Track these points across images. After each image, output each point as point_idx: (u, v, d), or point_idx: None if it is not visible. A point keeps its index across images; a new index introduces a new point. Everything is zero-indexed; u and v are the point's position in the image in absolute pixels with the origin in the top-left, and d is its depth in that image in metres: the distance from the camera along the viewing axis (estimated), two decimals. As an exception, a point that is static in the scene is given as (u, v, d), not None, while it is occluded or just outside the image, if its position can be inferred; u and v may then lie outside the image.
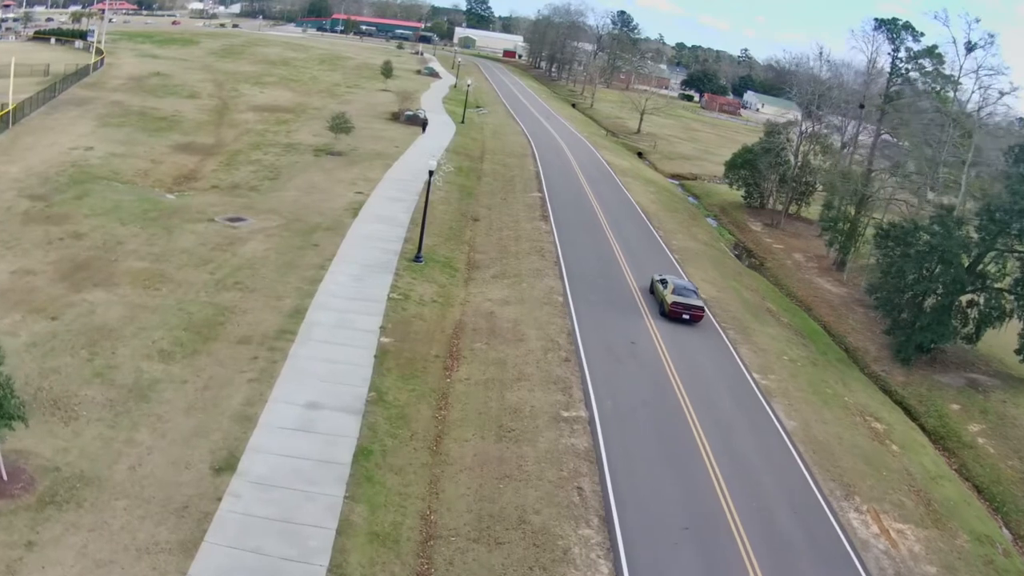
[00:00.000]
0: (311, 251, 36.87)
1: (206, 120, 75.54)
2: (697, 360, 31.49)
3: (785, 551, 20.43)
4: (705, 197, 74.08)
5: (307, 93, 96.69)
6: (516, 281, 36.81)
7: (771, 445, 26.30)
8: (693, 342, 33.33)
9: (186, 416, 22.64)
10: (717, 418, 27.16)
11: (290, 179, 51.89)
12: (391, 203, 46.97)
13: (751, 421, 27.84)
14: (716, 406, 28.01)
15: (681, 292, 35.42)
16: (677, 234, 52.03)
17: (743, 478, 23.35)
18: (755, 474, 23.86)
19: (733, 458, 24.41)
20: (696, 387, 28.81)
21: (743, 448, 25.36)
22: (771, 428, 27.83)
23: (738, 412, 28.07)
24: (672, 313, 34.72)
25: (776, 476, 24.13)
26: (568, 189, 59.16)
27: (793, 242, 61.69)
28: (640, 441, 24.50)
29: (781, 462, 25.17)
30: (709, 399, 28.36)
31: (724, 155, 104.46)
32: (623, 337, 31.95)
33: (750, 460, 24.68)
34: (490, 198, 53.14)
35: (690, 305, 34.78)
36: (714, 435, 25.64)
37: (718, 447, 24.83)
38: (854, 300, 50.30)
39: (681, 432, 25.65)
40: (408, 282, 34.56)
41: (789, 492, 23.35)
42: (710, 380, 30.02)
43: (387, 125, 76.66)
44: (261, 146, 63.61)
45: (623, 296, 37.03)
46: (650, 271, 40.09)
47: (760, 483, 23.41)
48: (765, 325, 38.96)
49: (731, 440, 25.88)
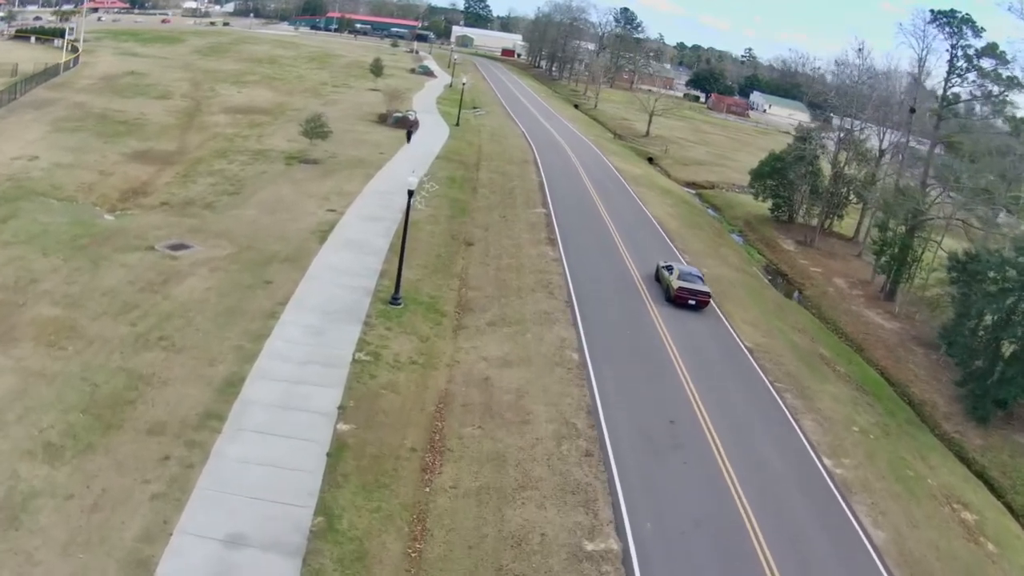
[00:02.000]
0: (262, 292, 29.52)
1: (172, 124, 68.17)
2: (755, 444, 24.17)
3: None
4: (727, 209, 66.69)
5: (289, 93, 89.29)
6: (519, 330, 29.44)
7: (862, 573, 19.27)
8: (748, 415, 26.02)
9: (62, 557, 15.76)
10: (791, 536, 19.94)
11: (253, 193, 44.53)
12: (368, 224, 39.60)
13: (832, 536, 20.68)
14: (787, 516, 20.76)
15: (686, 278, 35.32)
16: (706, 258, 44.68)
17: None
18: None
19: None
20: (759, 490, 21.51)
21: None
22: (857, 544, 20.70)
23: (815, 523, 20.85)
24: (678, 299, 34.58)
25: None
26: (576, 203, 51.79)
27: (831, 264, 54.38)
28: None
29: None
30: (777, 506, 21.09)
31: (740, 160, 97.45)
32: (659, 413, 24.60)
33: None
34: (487, 215, 45.75)
35: (696, 291, 34.67)
36: (789, 566, 18.45)
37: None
38: (910, 337, 43.13)
39: (747, 566, 18.40)
40: (381, 335, 27.21)
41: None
42: (775, 475, 22.73)
43: (373, 128, 69.23)
44: (227, 153, 56.25)
45: (652, 348, 29.71)
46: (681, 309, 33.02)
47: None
48: (824, 381, 31.67)
49: (811, 572, 18.75)
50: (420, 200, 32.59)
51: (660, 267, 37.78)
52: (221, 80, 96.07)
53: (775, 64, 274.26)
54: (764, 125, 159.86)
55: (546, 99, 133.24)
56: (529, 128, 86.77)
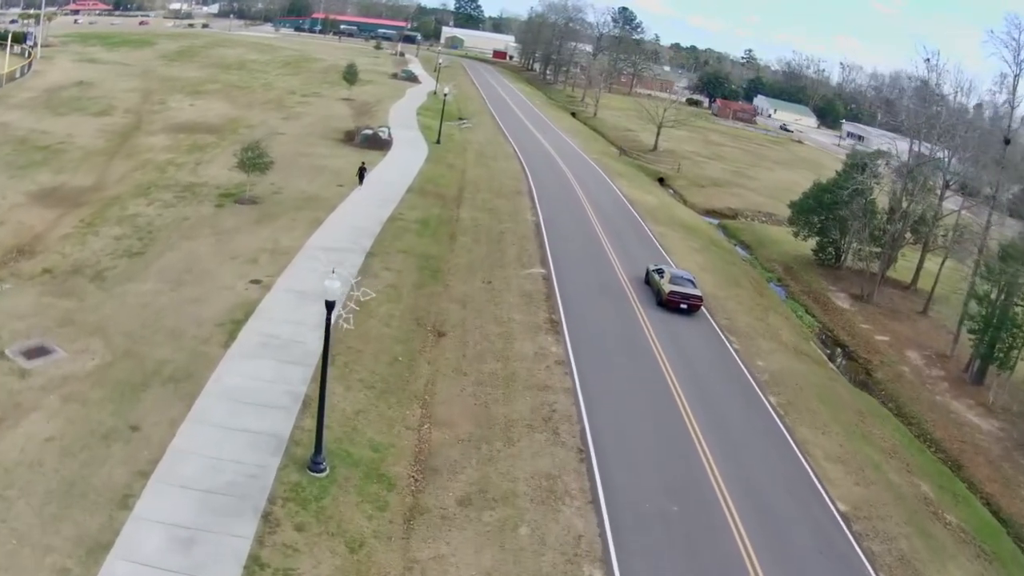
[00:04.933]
0: (121, 448, 18.76)
1: (99, 149, 57.30)
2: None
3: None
4: (758, 247, 55.72)
5: (249, 105, 78.19)
6: (507, 519, 18.48)
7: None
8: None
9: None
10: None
11: (161, 254, 33.64)
12: (301, 305, 28.65)
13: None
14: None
15: (678, 281, 34.54)
16: (757, 337, 33.86)
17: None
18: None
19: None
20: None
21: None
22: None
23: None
24: (669, 302, 33.82)
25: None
26: (584, 254, 40.85)
27: (897, 327, 43.65)
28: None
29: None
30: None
31: (760, 179, 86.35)
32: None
33: None
34: (467, 280, 34.81)
35: (688, 295, 33.91)
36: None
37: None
38: (1013, 442, 32.73)
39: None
40: (286, 545, 16.34)
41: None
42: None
43: (336, 150, 58.15)
44: (151, 189, 45.31)
45: (718, 551, 18.79)
46: (754, 467, 22.21)
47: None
48: (943, 557, 21.00)
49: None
50: (345, 318, 21.60)
51: (650, 270, 36.87)
52: (177, 90, 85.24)
53: (775, 65, 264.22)
54: (774, 133, 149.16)
55: (540, 107, 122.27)
56: (522, 144, 75.85)
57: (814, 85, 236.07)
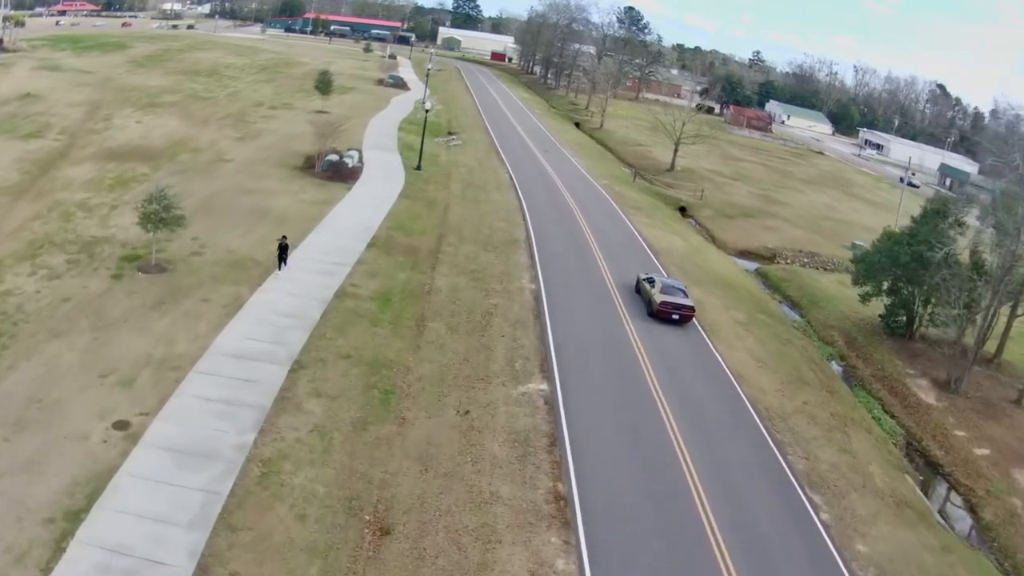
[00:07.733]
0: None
1: (9, 185, 47.09)
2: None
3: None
4: (810, 306, 44.89)
5: (204, 121, 67.72)
6: None
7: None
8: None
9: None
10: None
11: (14, 365, 23.35)
12: (177, 476, 18.25)
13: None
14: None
15: (669, 291, 33.78)
16: (849, 492, 23.38)
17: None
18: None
19: None
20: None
21: None
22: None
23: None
24: (660, 313, 33.02)
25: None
26: (602, 351, 30.24)
27: (996, 432, 33.01)
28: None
29: None
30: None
31: (791, 203, 74.63)
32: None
33: None
34: (434, 407, 24.25)
35: (679, 305, 33.04)
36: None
37: None
38: None
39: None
40: None
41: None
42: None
43: (289, 183, 47.58)
44: (43, 248, 34.81)
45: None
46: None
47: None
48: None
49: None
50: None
51: (640, 279, 36.29)
52: (130, 103, 75.04)
53: (780, 67, 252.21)
54: (794, 144, 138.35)
55: (541, 116, 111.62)
56: (519, 167, 65.35)
57: (827, 89, 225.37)
